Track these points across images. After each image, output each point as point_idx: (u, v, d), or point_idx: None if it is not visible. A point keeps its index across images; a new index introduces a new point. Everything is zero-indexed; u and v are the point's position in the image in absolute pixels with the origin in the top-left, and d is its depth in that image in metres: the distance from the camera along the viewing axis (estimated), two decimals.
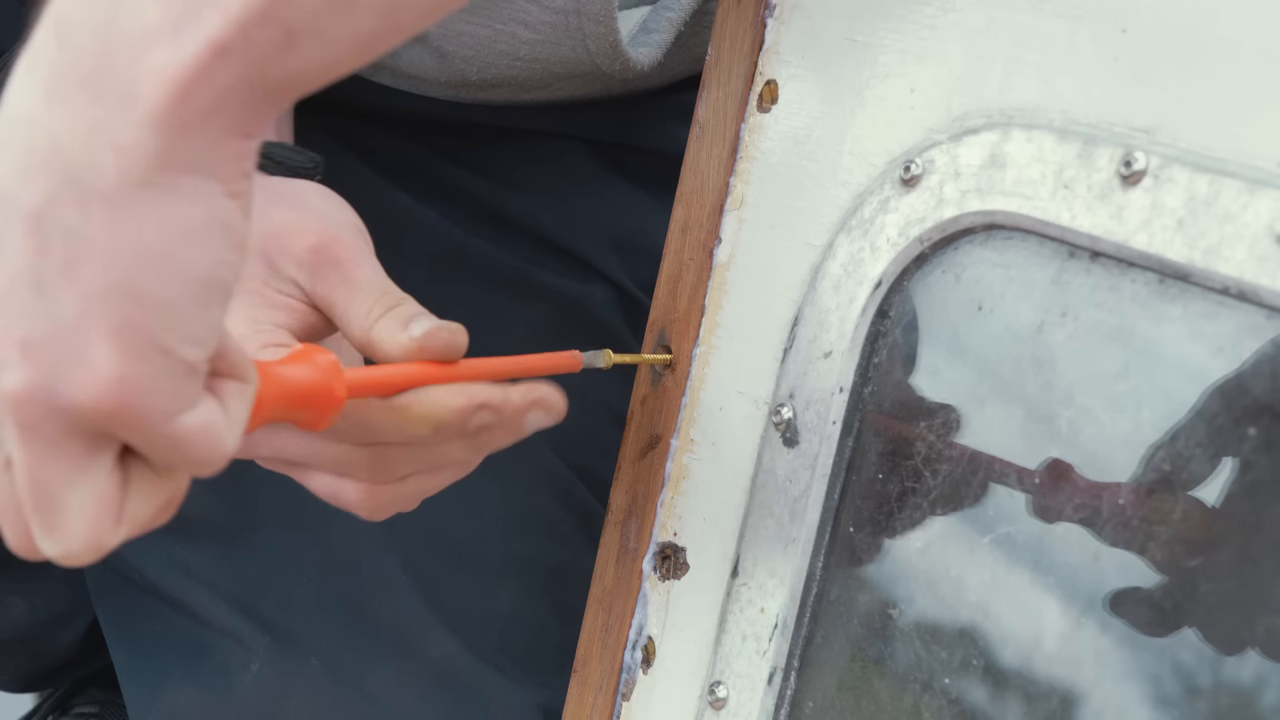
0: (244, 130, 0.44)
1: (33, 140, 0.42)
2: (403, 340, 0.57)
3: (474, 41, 0.86)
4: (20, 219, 0.42)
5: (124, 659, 0.90)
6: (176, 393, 0.44)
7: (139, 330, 0.42)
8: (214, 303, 0.44)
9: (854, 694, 0.64)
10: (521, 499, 0.90)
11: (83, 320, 0.42)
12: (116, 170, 0.42)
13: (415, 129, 0.97)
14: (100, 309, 0.42)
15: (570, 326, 0.94)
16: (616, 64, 0.88)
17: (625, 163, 1.01)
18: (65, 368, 0.42)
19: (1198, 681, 0.54)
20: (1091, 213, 0.55)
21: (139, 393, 0.43)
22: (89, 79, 0.42)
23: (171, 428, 0.44)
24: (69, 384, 0.42)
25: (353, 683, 0.84)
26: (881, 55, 0.63)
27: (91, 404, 0.43)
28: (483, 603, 0.87)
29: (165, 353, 0.43)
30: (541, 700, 0.85)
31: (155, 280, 0.42)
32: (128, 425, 0.44)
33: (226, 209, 0.44)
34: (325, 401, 0.53)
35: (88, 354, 0.42)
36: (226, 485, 0.87)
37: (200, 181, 0.43)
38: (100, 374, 0.42)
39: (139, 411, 0.43)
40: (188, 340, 0.43)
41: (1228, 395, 0.53)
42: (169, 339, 0.43)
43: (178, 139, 0.42)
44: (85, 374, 0.42)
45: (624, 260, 0.98)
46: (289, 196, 0.64)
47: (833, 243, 0.64)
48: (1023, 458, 0.59)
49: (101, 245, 0.42)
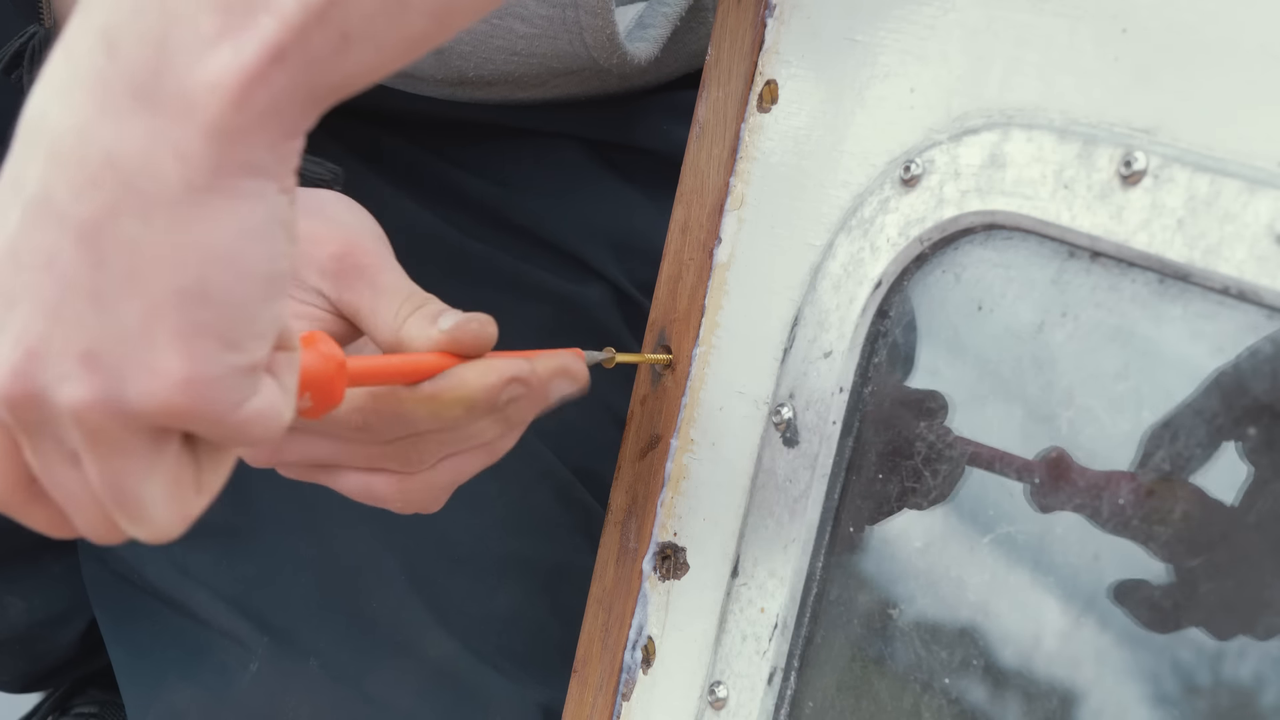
0: (296, 131, 0.45)
1: (85, 153, 0.42)
2: (432, 334, 0.58)
3: (471, 37, 0.86)
4: (74, 232, 0.42)
5: (123, 659, 0.90)
6: (242, 385, 0.45)
7: (207, 331, 0.43)
8: (277, 296, 0.45)
9: (854, 694, 0.64)
10: (521, 499, 0.90)
11: (148, 327, 0.43)
12: (179, 178, 0.42)
13: (412, 128, 0.97)
14: (167, 314, 0.43)
15: (568, 327, 0.94)
16: (613, 58, 0.88)
17: (622, 162, 1.01)
18: (131, 375, 0.43)
19: (1197, 680, 0.54)
20: (1091, 213, 0.55)
21: (207, 392, 0.44)
22: (145, 90, 0.42)
23: (237, 417, 0.45)
24: (136, 391, 0.43)
25: (351, 683, 0.84)
26: (881, 55, 0.63)
27: (161, 408, 0.43)
28: (482, 603, 0.87)
29: (234, 350, 0.44)
30: (541, 700, 0.85)
31: (222, 280, 0.43)
32: (196, 422, 0.44)
33: (282, 205, 0.45)
34: (328, 388, 0.53)
35: (154, 360, 0.43)
36: (225, 486, 0.87)
37: (258, 182, 0.44)
38: (169, 378, 0.43)
39: (208, 410, 0.44)
40: (254, 336, 0.45)
41: (1224, 389, 0.53)
42: (237, 336, 0.44)
43: (237, 144, 0.43)
44: (152, 380, 0.43)
45: (621, 260, 0.98)
46: (309, 206, 0.64)
47: (833, 243, 0.64)
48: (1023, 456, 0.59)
49: (163, 251, 0.42)
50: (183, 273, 0.42)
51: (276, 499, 0.87)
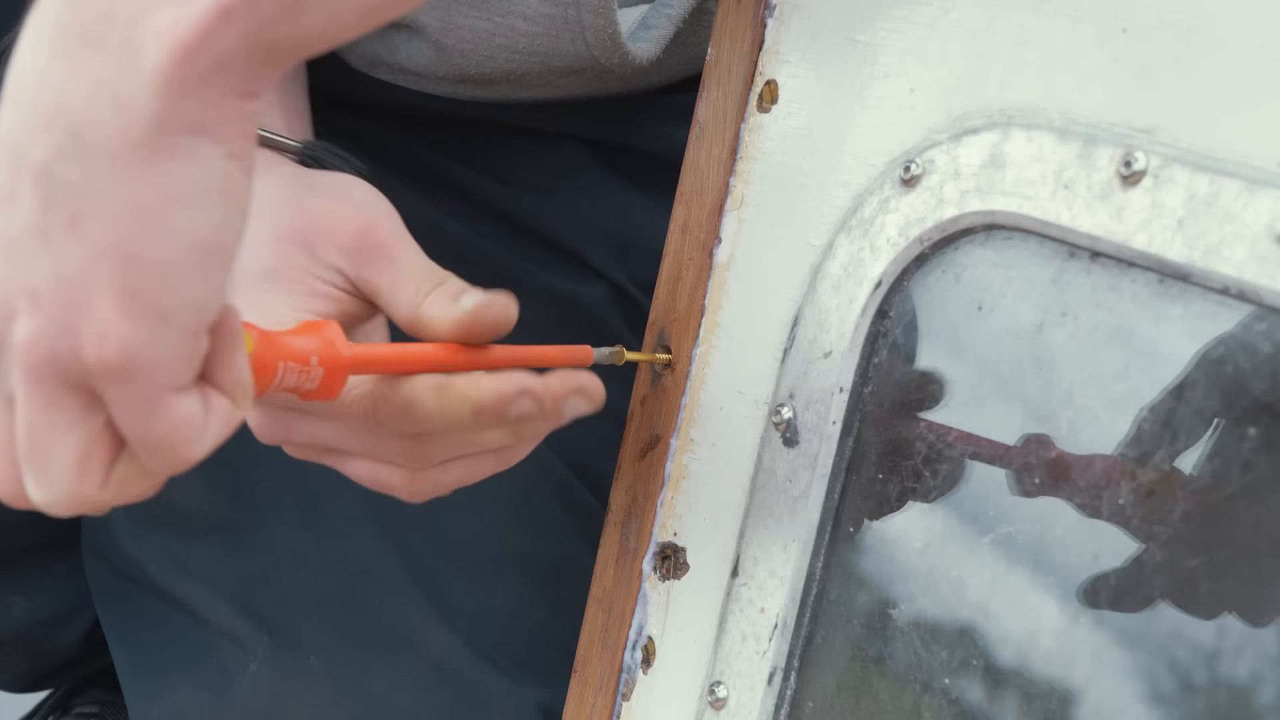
0: (246, 91, 0.44)
1: (39, 96, 0.43)
2: (454, 313, 0.57)
3: (473, 35, 0.86)
4: (29, 173, 0.43)
5: (124, 659, 0.90)
6: (171, 363, 0.44)
7: (139, 290, 0.43)
8: (213, 267, 0.44)
9: (854, 694, 0.64)
10: (521, 497, 0.90)
11: (86, 275, 0.43)
12: (118, 128, 0.42)
13: (416, 125, 0.97)
14: (103, 266, 0.42)
15: (569, 326, 0.94)
16: (615, 57, 0.88)
17: (623, 163, 1.01)
18: (71, 320, 0.43)
19: (1195, 679, 0.54)
20: (1091, 213, 0.55)
21: (138, 353, 0.43)
22: (94, 36, 0.42)
23: (159, 402, 0.44)
24: (74, 335, 0.43)
25: (352, 681, 0.84)
26: (881, 55, 0.63)
27: (94, 357, 0.43)
28: (481, 600, 0.87)
29: (164, 317, 0.43)
30: (540, 699, 0.85)
31: (154, 241, 0.43)
32: (124, 385, 0.44)
33: (226, 170, 0.44)
34: (328, 374, 0.53)
35: (92, 309, 0.43)
36: (225, 481, 0.87)
37: (200, 142, 0.43)
38: (103, 329, 0.43)
39: (137, 372, 0.43)
40: (186, 307, 0.44)
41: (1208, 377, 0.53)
42: (168, 302, 0.43)
43: (179, 99, 0.42)
44: (89, 328, 0.43)
45: (621, 260, 0.98)
46: (326, 186, 0.65)
47: (833, 243, 0.64)
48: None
49: (103, 202, 0.42)
50: (117, 227, 0.42)
51: (277, 494, 0.87)
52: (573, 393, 0.60)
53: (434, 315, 0.58)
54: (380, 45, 0.90)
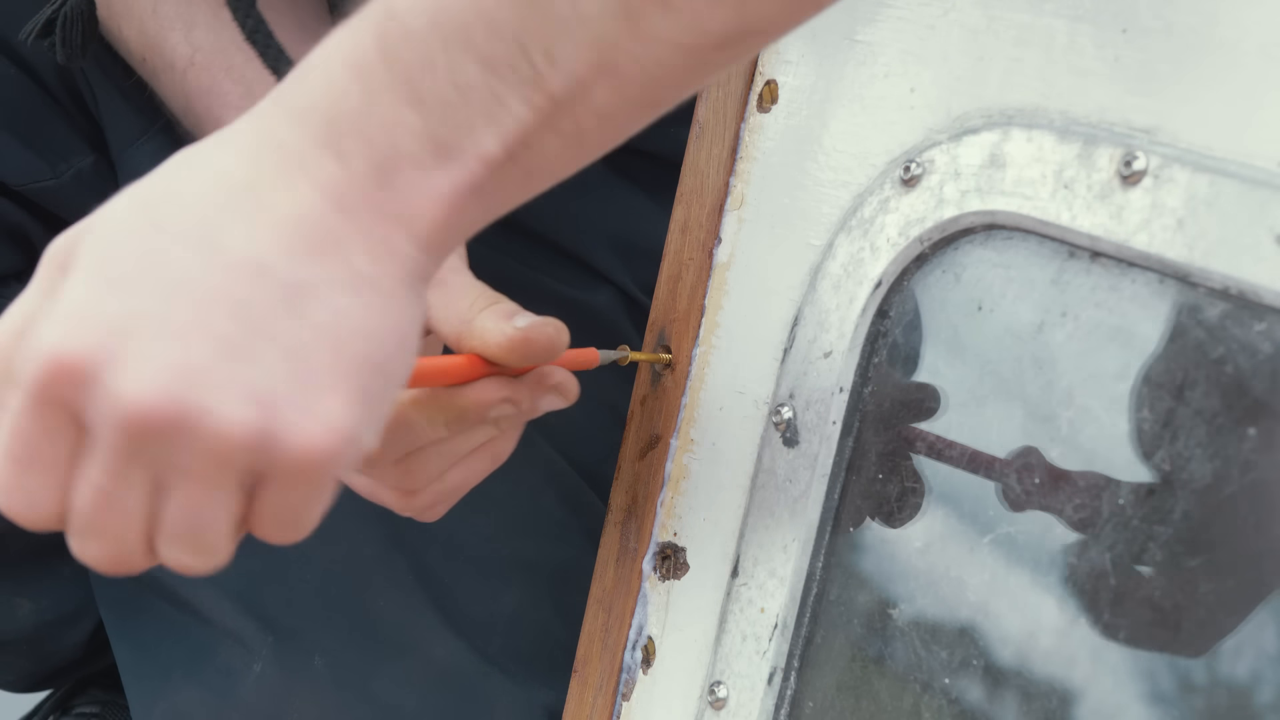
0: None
1: (313, 233, 0.47)
2: (507, 329, 0.60)
3: None
4: (280, 287, 0.46)
5: (127, 659, 0.90)
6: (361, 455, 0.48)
7: (372, 395, 0.47)
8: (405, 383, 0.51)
9: (854, 694, 0.64)
10: (528, 501, 0.90)
11: (331, 382, 0.46)
12: (394, 272, 0.48)
13: None
14: (351, 375, 0.47)
15: (575, 331, 0.94)
16: None
17: (627, 165, 1.01)
18: (293, 417, 0.46)
19: (1194, 679, 0.54)
20: (1091, 213, 0.55)
21: (349, 447, 0.47)
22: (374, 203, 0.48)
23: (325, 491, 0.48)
24: (295, 431, 0.46)
25: (356, 683, 0.84)
26: (881, 55, 0.63)
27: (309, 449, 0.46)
28: (487, 604, 0.87)
29: (376, 418, 0.48)
30: (545, 701, 0.85)
31: (399, 359, 0.49)
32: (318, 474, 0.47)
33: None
34: None
35: (320, 408, 0.46)
36: None
37: (424, 287, 0.50)
38: (330, 423, 0.46)
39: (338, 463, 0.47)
40: (387, 412, 0.49)
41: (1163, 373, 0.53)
42: (381, 408, 0.48)
43: (433, 257, 0.49)
44: (313, 424, 0.46)
45: (627, 264, 0.98)
46: None
47: (833, 243, 0.64)
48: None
49: (367, 325, 0.47)
50: (379, 347, 0.48)
51: None
52: (548, 392, 0.64)
53: (486, 329, 0.61)
54: None
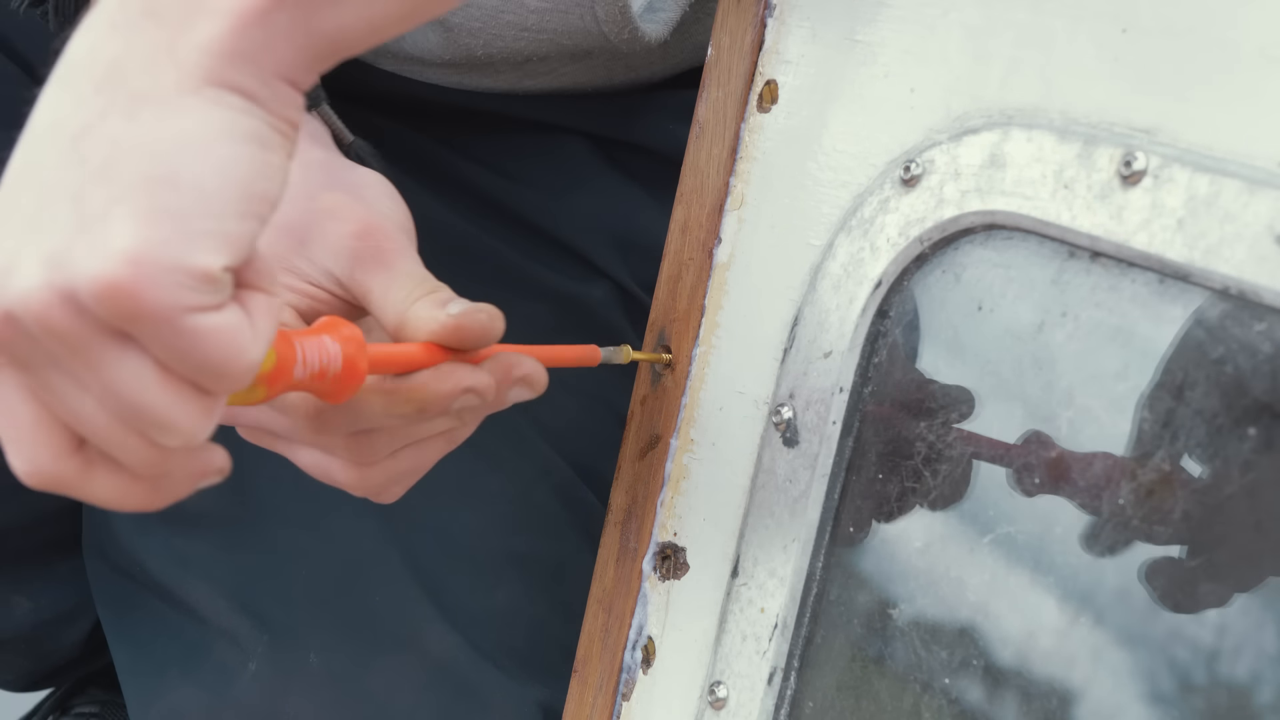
0: (291, 76, 0.46)
1: (92, 67, 0.45)
2: (439, 316, 0.58)
3: (481, 13, 0.86)
4: (65, 136, 0.44)
5: (124, 658, 0.90)
6: (193, 287, 0.43)
7: (168, 213, 0.43)
8: (249, 212, 0.45)
9: (854, 694, 0.64)
10: (521, 496, 0.90)
11: (110, 210, 0.42)
12: (171, 78, 0.44)
13: (418, 117, 0.97)
14: (131, 197, 0.42)
15: (571, 325, 0.94)
16: (625, 33, 0.88)
17: (626, 160, 1.01)
18: (79, 255, 0.42)
19: (1195, 679, 0.54)
20: (1091, 213, 0.55)
21: (151, 277, 0.42)
22: (153, 11, 0.45)
23: (188, 325, 0.43)
24: (80, 266, 0.42)
25: (351, 679, 0.84)
26: (881, 55, 0.63)
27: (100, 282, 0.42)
28: (482, 599, 0.87)
29: (189, 241, 0.43)
30: (540, 698, 0.85)
31: (194, 166, 0.43)
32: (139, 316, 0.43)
33: (269, 135, 0.46)
34: (348, 373, 0.53)
35: (105, 236, 0.42)
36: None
37: (248, 103, 0.45)
38: (113, 252, 0.42)
39: (149, 299, 0.42)
40: (217, 236, 0.43)
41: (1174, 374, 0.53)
42: (198, 227, 0.43)
43: (231, 64, 0.45)
44: (98, 254, 0.42)
45: (624, 258, 0.98)
46: (349, 184, 0.65)
47: (833, 243, 0.64)
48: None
49: (146, 142, 0.43)
50: (156, 159, 0.43)
51: (279, 490, 0.87)
52: (516, 384, 0.61)
53: (419, 319, 0.58)
54: None
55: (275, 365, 0.50)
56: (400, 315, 0.59)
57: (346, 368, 0.53)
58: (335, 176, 0.65)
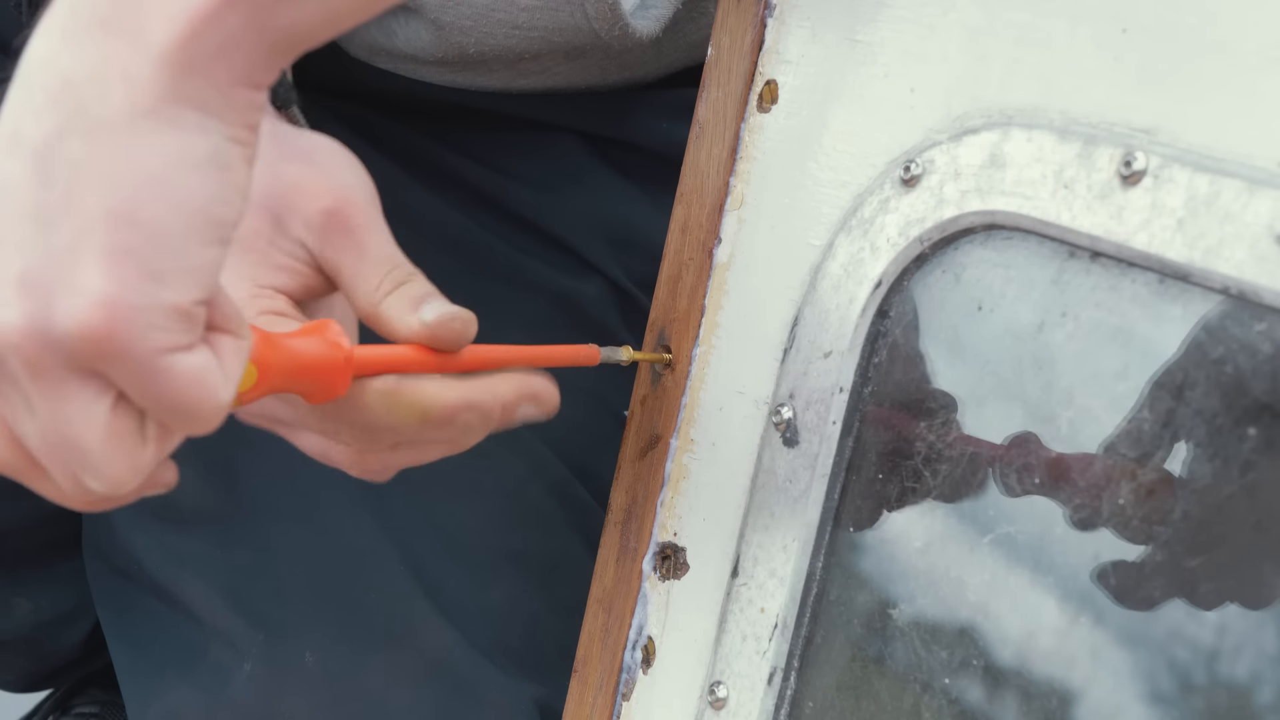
0: (250, 80, 0.45)
1: (46, 78, 0.44)
2: (412, 323, 0.57)
3: (472, 11, 0.86)
4: (28, 153, 0.43)
5: (123, 658, 0.90)
6: (166, 327, 0.43)
7: (131, 254, 0.42)
8: (211, 240, 0.44)
9: (854, 694, 0.64)
10: (515, 493, 0.90)
11: (77, 247, 0.42)
12: (124, 99, 0.43)
13: (412, 114, 0.97)
14: (95, 233, 0.42)
15: (564, 322, 0.94)
16: (615, 30, 0.88)
17: (620, 158, 1.01)
18: (57, 295, 0.42)
19: (1195, 679, 0.54)
20: (1091, 213, 0.55)
21: (126, 320, 0.42)
22: (104, 19, 0.43)
23: (161, 366, 0.43)
24: (59, 310, 0.42)
25: (347, 677, 0.84)
26: (881, 55, 0.63)
27: (79, 329, 0.42)
28: (478, 596, 0.87)
29: (157, 280, 0.43)
30: (536, 695, 0.85)
31: (152, 204, 0.43)
32: (115, 357, 0.43)
33: (228, 150, 0.45)
34: (332, 378, 0.53)
35: (78, 279, 0.42)
36: (218, 473, 0.87)
37: (204, 119, 0.44)
38: (88, 296, 0.42)
39: (125, 341, 0.42)
40: (183, 272, 0.43)
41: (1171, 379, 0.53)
42: (162, 266, 0.43)
43: (185, 77, 0.43)
44: (73, 299, 0.42)
45: (619, 255, 0.98)
46: (303, 152, 0.63)
47: (833, 243, 0.64)
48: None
49: (103, 172, 0.43)
50: (115, 193, 0.42)
51: (273, 487, 0.87)
52: (525, 400, 0.59)
53: (392, 320, 0.57)
54: (378, 31, 0.90)
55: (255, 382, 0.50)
56: (373, 307, 0.58)
57: (331, 373, 0.53)
58: (286, 145, 0.63)
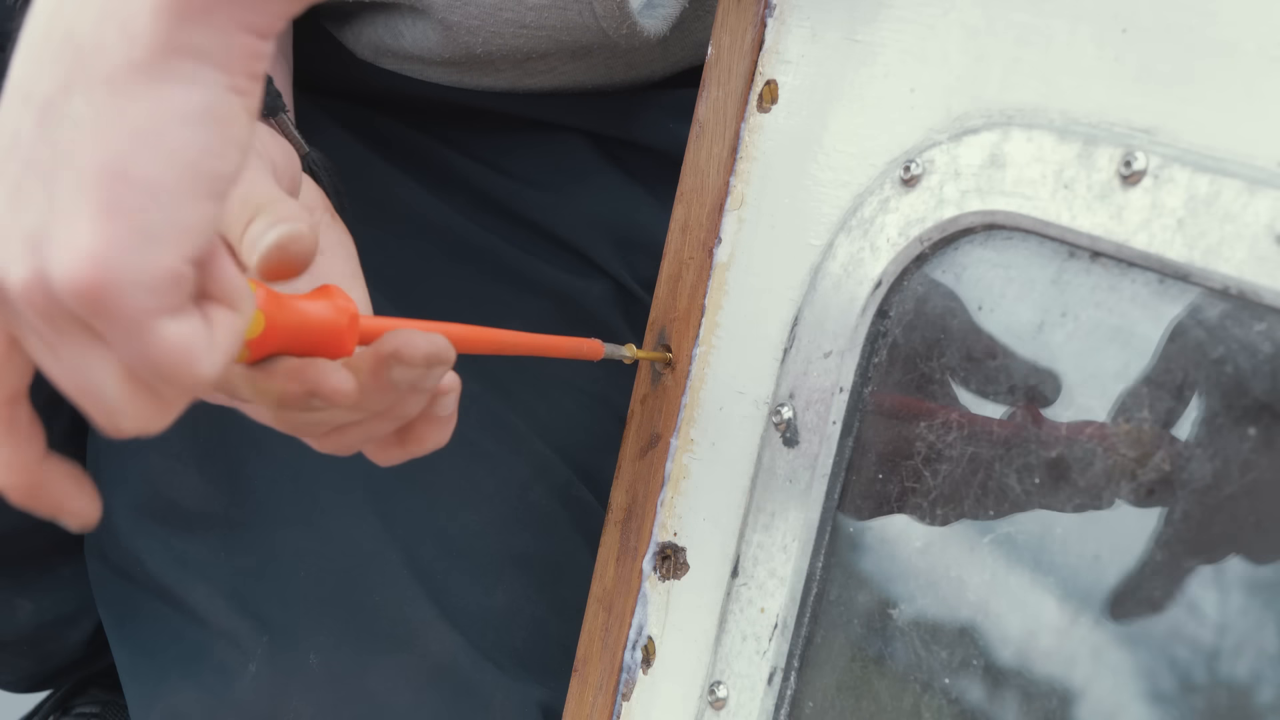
0: (253, 27, 0.44)
1: (50, 32, 0.43)
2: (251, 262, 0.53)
3: (479, 10, 0.86)
4: (35, 110, 0.43)
5: (125, 659, 0.91)
6: (154, 287, 0.43)
7: (122, 210, 0.42)
8: (204, 194, 0.43)
9: (854, 694, 0.64)
10: (518, 495, 0.90)
11: (74, 201, 0.42)
12: (122, 53, 0.42)
13: (418, 115, 0.97)
14: (89, 190, 0.42)
15: (568, 321, 0.94)
16: (623, 29, 0.88)
17: (625, 158, 1.01)
18: (53, 251, 0.42)
19: (1195, 679, 0.54)
20: (1091, 213, 0.55)
21: (116, 274, 0.42)
22: None
23: (146, 328, 0.43)
24: (53, 266, 0.42)
25: (352, 679, 0.84)
26: (881, 55, 0.63)
27: (70, 285, 0.42)
28: (481, 598, 0.87)
29: (148, 236, 0.42)
30: (540, 698, 0.85)
31: (145, 158, 0.42)
32: (103, 315, 0.43)
33: (227, 101, 0.44)
34: (340, 340, 0.53)
35: (72, 235, 0.42)
36: (222, 476, 0.87)
37: (202, 70, 0.43)
38: (77, 253, 0.42)
39: (113, 300, 0.42)
40: (173, 227, 0.43)
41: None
42: (152, 222, 0.42)
43: (184, 24, 0.42)
44: (65, 253, 0.42)
45: (623, 256, 0.98)
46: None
47: (833, 243, 0.64)
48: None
49: (100, 126, 0.42)
50: (109, 149, 0.42)
51: (277, 490, 0.87)
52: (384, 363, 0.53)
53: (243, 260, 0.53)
54: (385, 32, 0.90)
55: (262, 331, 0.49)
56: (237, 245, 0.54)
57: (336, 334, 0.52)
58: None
